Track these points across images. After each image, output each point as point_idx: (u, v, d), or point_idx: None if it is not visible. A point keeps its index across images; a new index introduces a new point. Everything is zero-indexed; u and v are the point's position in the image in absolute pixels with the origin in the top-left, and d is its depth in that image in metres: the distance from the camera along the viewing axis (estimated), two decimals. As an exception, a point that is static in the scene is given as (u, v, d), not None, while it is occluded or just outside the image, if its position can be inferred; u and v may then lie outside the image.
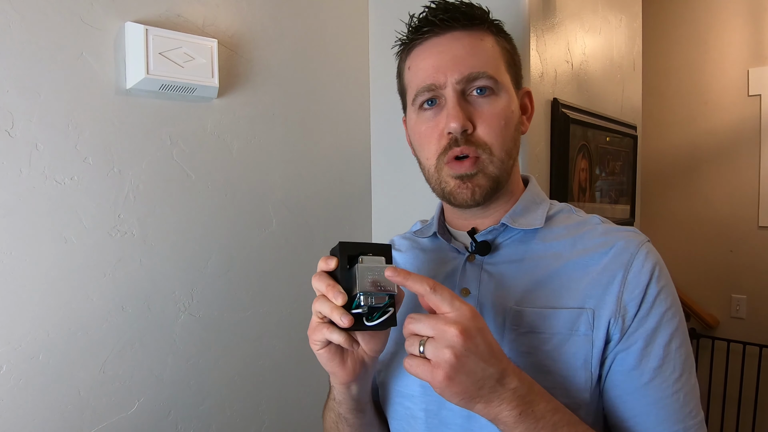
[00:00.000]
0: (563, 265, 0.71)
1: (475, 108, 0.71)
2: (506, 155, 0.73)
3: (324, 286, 0.63)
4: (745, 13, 2.81)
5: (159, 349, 1.11)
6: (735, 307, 2.88)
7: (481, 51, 0.72)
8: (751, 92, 2.80)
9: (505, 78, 0.74)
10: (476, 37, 0.72)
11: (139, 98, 1.08)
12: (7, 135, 0.92)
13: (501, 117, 0.72)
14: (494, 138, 0.71)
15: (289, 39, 1.34)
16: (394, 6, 1.51)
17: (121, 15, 1.04)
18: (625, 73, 1.86)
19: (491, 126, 0.71)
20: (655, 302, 0.67)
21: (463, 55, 0.71)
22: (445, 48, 0.72)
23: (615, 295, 0.67)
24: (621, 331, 0.67)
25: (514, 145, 0.74)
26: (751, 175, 2.81)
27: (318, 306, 0.64)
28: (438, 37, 0.73)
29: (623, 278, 0.68)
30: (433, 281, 0.59)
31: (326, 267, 0.64)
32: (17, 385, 0.94)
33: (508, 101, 0.73)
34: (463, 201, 0.73)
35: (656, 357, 0.66)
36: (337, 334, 0.63)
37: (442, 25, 0.72)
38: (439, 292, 0.58)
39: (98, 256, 1.03)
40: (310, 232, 1.39)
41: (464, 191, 0.72)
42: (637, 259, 0.68)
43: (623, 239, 0.71)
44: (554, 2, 1.42)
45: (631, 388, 0.67)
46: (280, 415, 1.33)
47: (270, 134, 1.30)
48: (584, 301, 0.68)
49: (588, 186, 1.59)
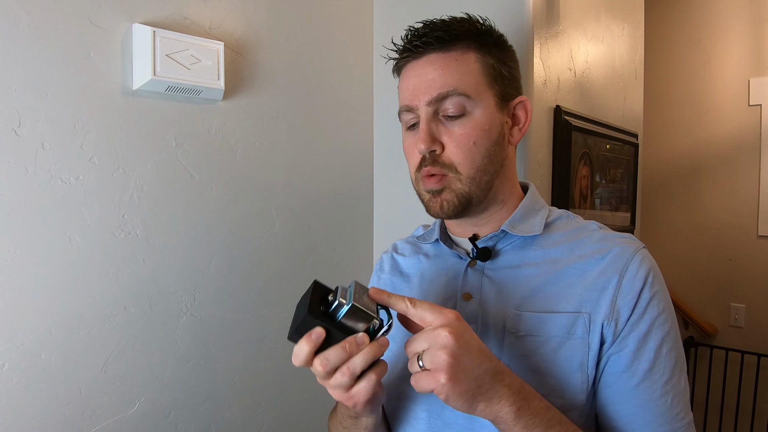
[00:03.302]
0: (561, 270, 0.73)
1: (446, 128, 0.74)
2: (477, 172, 0.75)
3: (333, 357, 0.60)
4: (746, 24, 2.83)
5: (160, 349, 1.12)
6: (733, 315, 2.88)
7: (453, 70, 0.74)
8: (751, 102, 2.81)
9: (483, 94, 0.75)
10: (451, 58, 0.74)
11: (146, 99, 1.08)
12: (13, 134, 0.93)
13: (470, 136, 0.74)
14: (461, 158, 0.74)
15: (294, 43, 1.35)
16: (398, 10, 1.52)
17: (128, 16, 1.05)
18: (626, 82, 1.88)
19: (459, 146, 0.74)
20: (648, 307, 0.69)
21: (434, 77, 0.74)
22: (420, 71, 0.75)
23: (609, 299, 0.70)
24: (614, 335, 0.69)
25: (489, 161, 0.75)
26: (750, 185, 2.82)
27: (335, 380, 0.61)
28: (416, 60, 0.76)
29: (618, 283, 0.70)
30: (411, 298, 0.62)
31: (316, 342, 0.60)
32: (19, 384, 0.94)
33: (484, 118, 0.74)
34: (434, 213, 0.77)
35: (647, 360, 0.68)
36: (366, 388, 0.62)
37: (416, 51, 0.75)
38: (419, 306, 0.61)
39: (102, 255, 1.03)
40: (312, 234, 1.40)
41: (434, 205, 0.76)
42: (632, 265, 0.70)
43: (619, 245, 0.73)
44: (557, 10, 1.43)
45: (621, 390, 0.69)
46: (280, 416, 1.33)
47: (274, 137, 1.31)
48: (581, 305, 0.70)
49: (589, 193, 1.60)
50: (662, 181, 3.07)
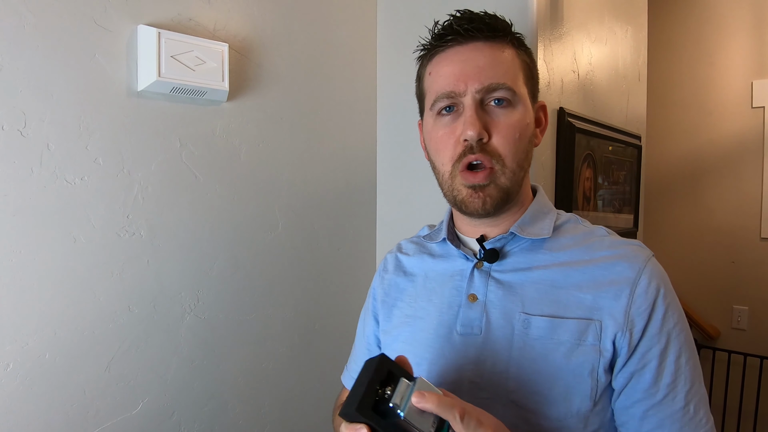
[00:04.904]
0: (571, 275, 0.73)
1: (492, 118, 0.72)
2: (518, 167, 0.74)
3: None
4: (749, 26, 2.83)
5: (164, 349, 1.12)
6: (736, 318, 2.88)
7: (501, 63, 0.73)
8: (755, 104, 2.81)
9: (522, 91, 0.74)
10: (497, 49, 0.73)
11: (150, 100, 1.08)
12: (19, 134, 0.93)
13: (516, 129, 0.73)
14: (508, 149, 0.72)
15: (298, 44, 1.35)
16: (402, 12, 1.52)
17: (134, 18, 1.05)
18: (630, 84, 1.87)
19: (506, 137, 0.72)
20: (664, 320, 0.69)
21: (484, 65, 0.72)
22: (467, 57, 0.73)
23: (623, 310, 0.69)
24: (629, 346, 0.68)
25: (525, 158, 0.75)
26: (753, 187, 2.81)
27: None
28: (461, 45, 0.74)
29: (631, 293, 0.69)
30: (462, 408, 0.56)
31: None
32: (23, 383, 0.94)
33: (524, 114, 0.74)
34: (474, 210, 0.74)
35: (669, 374, 0.68)
36: None
37: (466, 34, 0.73)
38: (465, 421, 0.56)
39: (106, 256, 1.03)
40: (315, 235, 1.40)
41: (476, 201, 0.73)
42: (644, 276, 0.70)
43: (630, 254, 0.72)
44: (561, 13, 1.43)
45: (648, 405, 0.69)
46: (283, 417, 1.34)
47: (277, 138, 1.31)
48: (592, 312, 0.70)
49: (592, 195, 1.60)
50: (665, 183, 3.07)
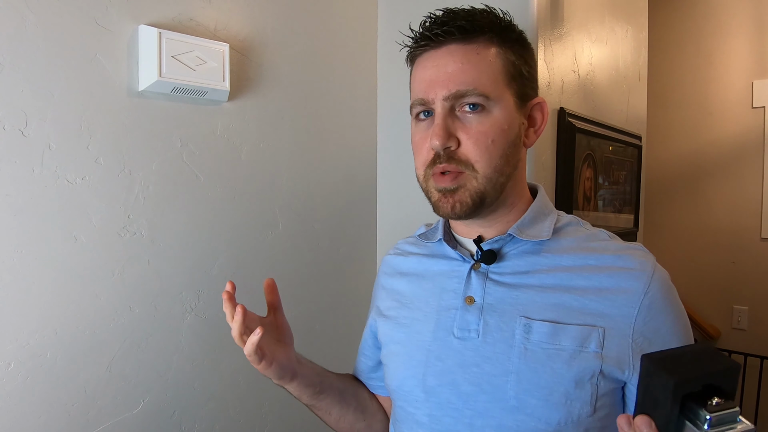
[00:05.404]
0: (573, 280, 0.72)
1: (463, 124, 0.71)
2: (494, 171, 0.71)
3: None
4: (750, 26, 2.83)
5: (165, 349, 1.12)
6: (736, 318, 2.88)
7: (474, 66, 0.70)
8: (755, 104, 2.81)
9: (502, 92, 0.72)
10: (472, 51, 0.71)
11: (151, 100, 1.09)
12: (20, 134, 0.93)
13: (488, 134, 0.70)
14: (479, 155, 0.70)
15: (298, 44, 1.35)
16: (403, 12, 1.52)
17: (134, 18, 1.06)
18: (630, 84, 1.88)
19: (477, 143, 0.70)
20: (674, 329, 0.70)
21: (454, 71, 0.70)
22: (437, 63, 0.71)
23: (628, 318, 0.69)
24: (634, 354, 0.68)
25: (506, 162, 0.72)
26: (754, 187, 2.82)
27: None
28: (434, 50, 0.72)
29: (638, 303, 0.69)
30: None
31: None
32: (24, 383, 0.94)
33: (503, 117, 0.71)
34: (445, 214, 0.73)
35: None
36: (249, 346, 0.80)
37: (436, 39, 0.71)
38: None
39: (107, 255, 1.03)
40: (316, 234, 1.40)
41: (445, 204, 0.72)
42: (653, 285, 0.70)
43: (636, 261, 0.72)
44: (562, 13, 1.43)
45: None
46: (284, 416, 1.34)
47: (278, 138, 1.31)
48: (595, 319, 0.69)
49: (593, 195, 1.60)
50: (665, 183, 3.07)
